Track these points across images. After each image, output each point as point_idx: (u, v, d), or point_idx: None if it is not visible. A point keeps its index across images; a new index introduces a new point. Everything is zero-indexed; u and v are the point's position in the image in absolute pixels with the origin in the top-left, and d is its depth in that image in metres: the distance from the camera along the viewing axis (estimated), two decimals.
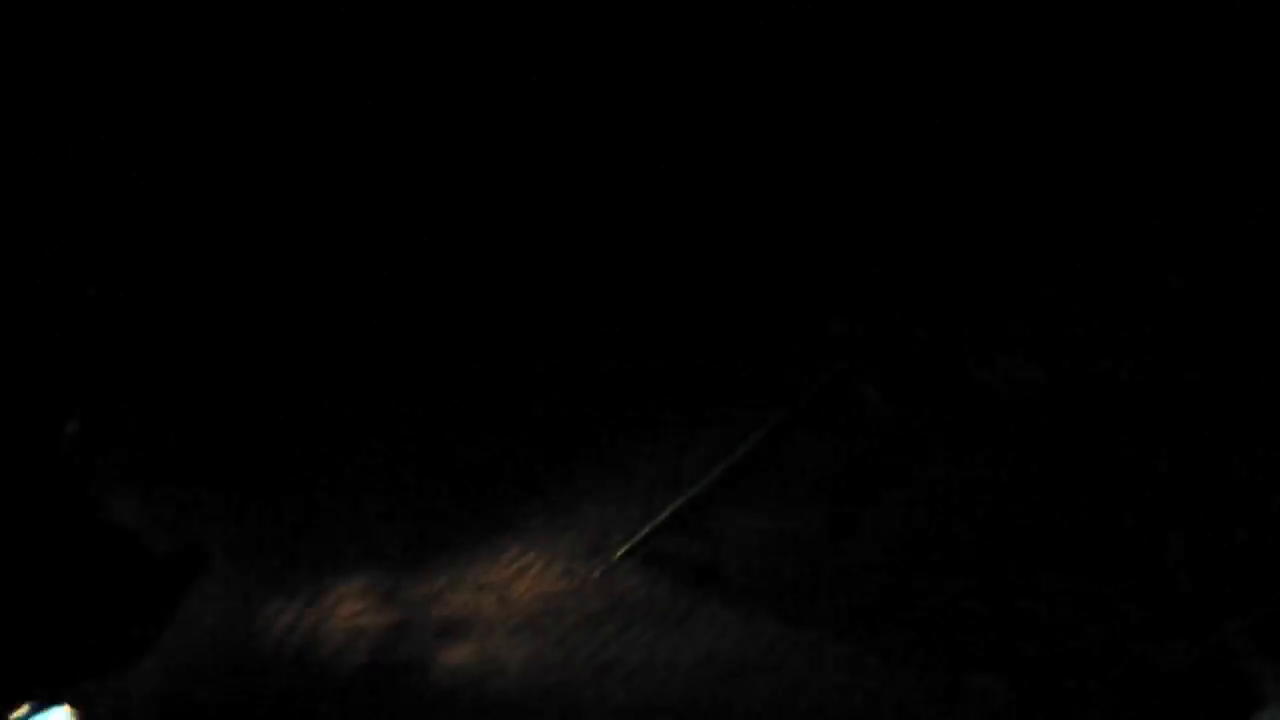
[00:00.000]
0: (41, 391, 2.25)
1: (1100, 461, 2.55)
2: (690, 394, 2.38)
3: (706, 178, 2.06)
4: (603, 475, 2.53)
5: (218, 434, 2.47)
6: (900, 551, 2.63)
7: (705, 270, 2.19)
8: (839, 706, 2.90)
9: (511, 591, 2.75)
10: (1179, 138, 2.09)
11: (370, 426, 2.38)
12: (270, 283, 2.10)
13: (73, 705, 2.59)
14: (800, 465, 2.52)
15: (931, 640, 2.77)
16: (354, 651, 2.89)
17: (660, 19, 1.82)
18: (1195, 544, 2.75)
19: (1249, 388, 2.47)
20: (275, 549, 2.69)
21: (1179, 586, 2.83)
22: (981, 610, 2.67)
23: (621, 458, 2.49)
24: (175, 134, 1.88)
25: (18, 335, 2.11)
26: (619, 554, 2.63)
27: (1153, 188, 2.16)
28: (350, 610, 2.80)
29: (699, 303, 2.23)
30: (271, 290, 2.09)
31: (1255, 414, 2.52)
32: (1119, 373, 2.42)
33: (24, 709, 2.39)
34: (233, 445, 2.50)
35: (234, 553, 2.68)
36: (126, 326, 2.13)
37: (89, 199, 1.97)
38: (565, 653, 2.88)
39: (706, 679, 2.89)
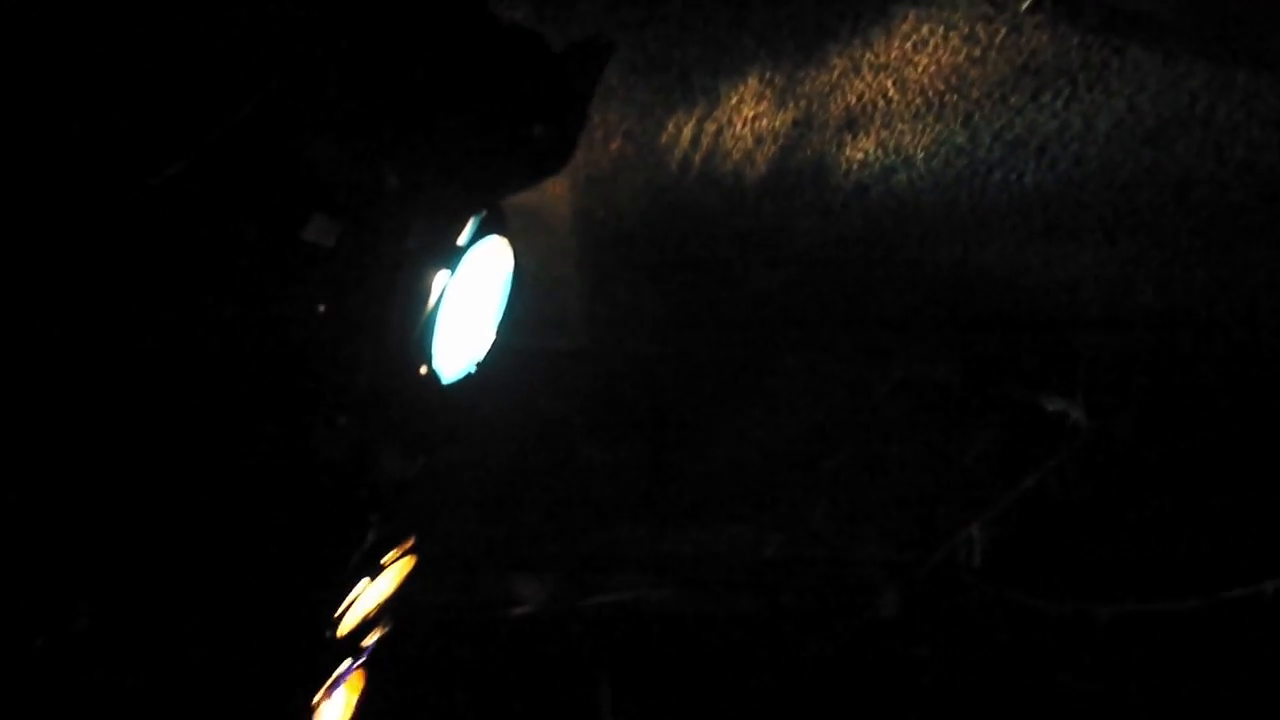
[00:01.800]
0: None
1: None
2: None
3: None
4: None
5: None
6: None
7: None
8: (1274, 155, 2.69)
9: (910, 71, 2.66)
10: None
11: None
12: None
13: (501, 234, 2.72)
14: None
15: None
16: (757, 158, 2.91)
17: None
18: None
19: None
20: (667, 58, 2.71)
21: None
22: None
23: None
24: None
25: None
26: (1024, 8, 2.48)
27: None
28: (749, 114, 2.80)
29: None
30: None
31: None
32: None
33: (468, 228, 2.52)
34: None
35: (628, 67, 2.72)
36: None
37: None
38: (971, 133, 2.79)
39: (1126, 143, 2.74)
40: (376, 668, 4.59)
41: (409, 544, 3.61)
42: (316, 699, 4.39)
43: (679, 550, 4.37)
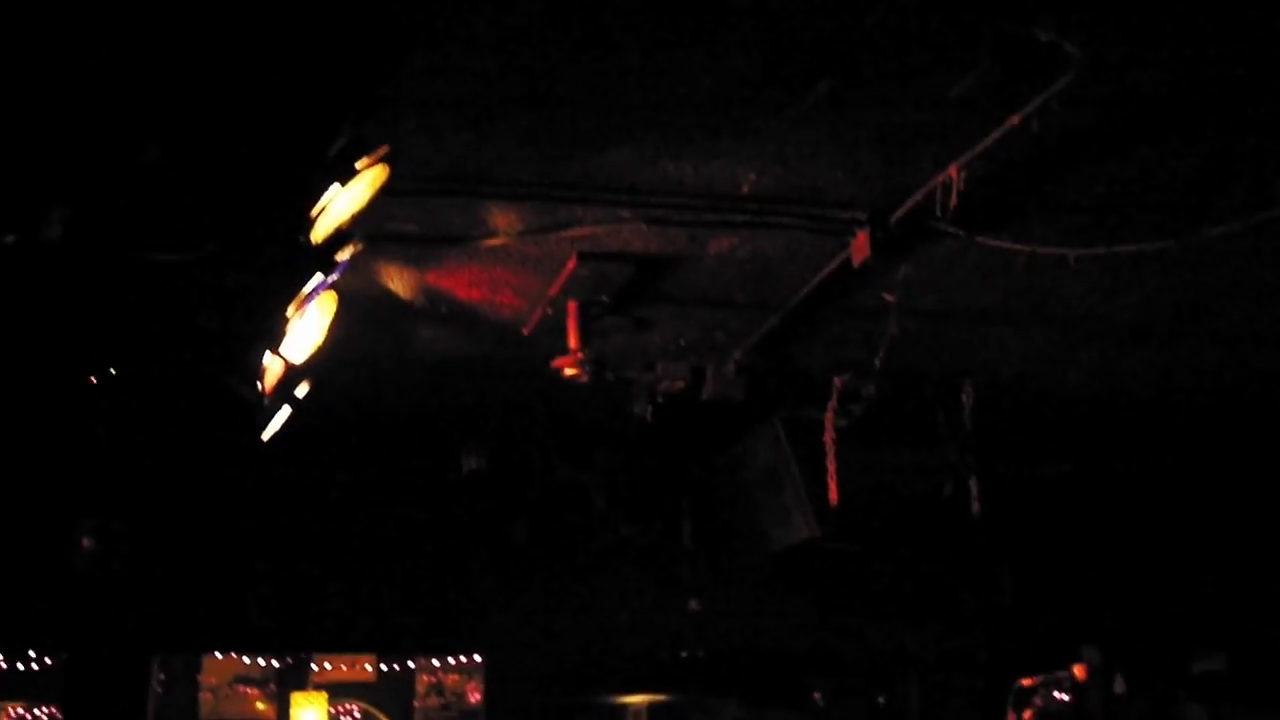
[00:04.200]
0: None
1: None
2: None
3: None
4: None
5: None
6: None
7: None
8: None
9: None
10: None
11: None
12: None
13: None
14: None
15: None
16: None
17: None
18: None
19: None
20: None
21: None
22: None
23: None
24: None
25: None
26: None
27: None
28: None
29: None
30: None
31: None
32: None
33: None
34: None
35: None
36: None
37: None
38: None
39: None
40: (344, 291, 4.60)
41: (381, 152, 3.55)
42: (290, 310, 4.42)
43: (654, 184, 4.33)
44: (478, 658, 14.95)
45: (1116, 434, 6.94)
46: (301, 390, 5.26)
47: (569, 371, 5.22)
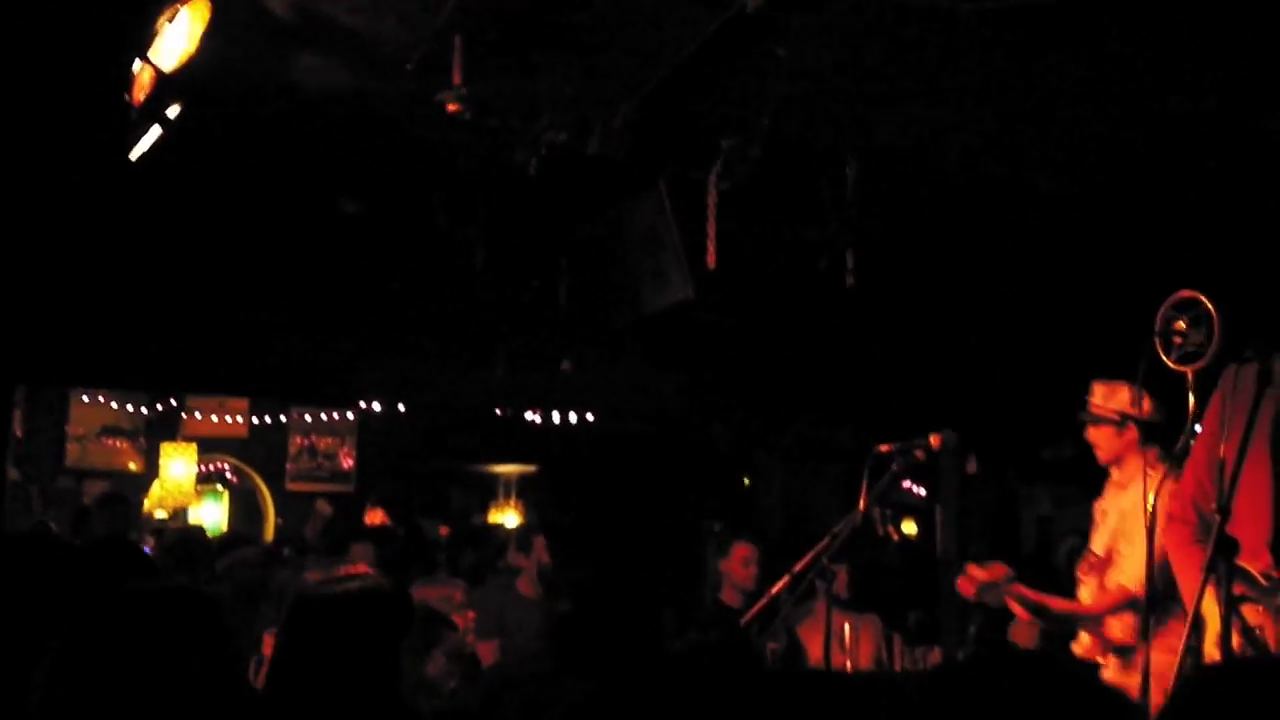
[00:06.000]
0: None
1: None
2: None
3: None
4: None
5: None
6: None
7: None
8: None
9: None
10: None
11: None
12: None
13: None
14: None
15: None
16: None
17: None
18: None
19: None
20: None
21: None
22: None
23: None
24: None
25: None
26: None
27: None
28: None
29: None
30: None
31: None
32: None
33: None
34: None
35: None
36: None
37: None
38: None
39: None
40: None
41: None
42: (161, 15, 4.25)
43: None
44: (350, 415, 15.11)
45: (989, 219, 7.06)
46: (172, 111, 5.08)
47: (452, 107, 5.11)
